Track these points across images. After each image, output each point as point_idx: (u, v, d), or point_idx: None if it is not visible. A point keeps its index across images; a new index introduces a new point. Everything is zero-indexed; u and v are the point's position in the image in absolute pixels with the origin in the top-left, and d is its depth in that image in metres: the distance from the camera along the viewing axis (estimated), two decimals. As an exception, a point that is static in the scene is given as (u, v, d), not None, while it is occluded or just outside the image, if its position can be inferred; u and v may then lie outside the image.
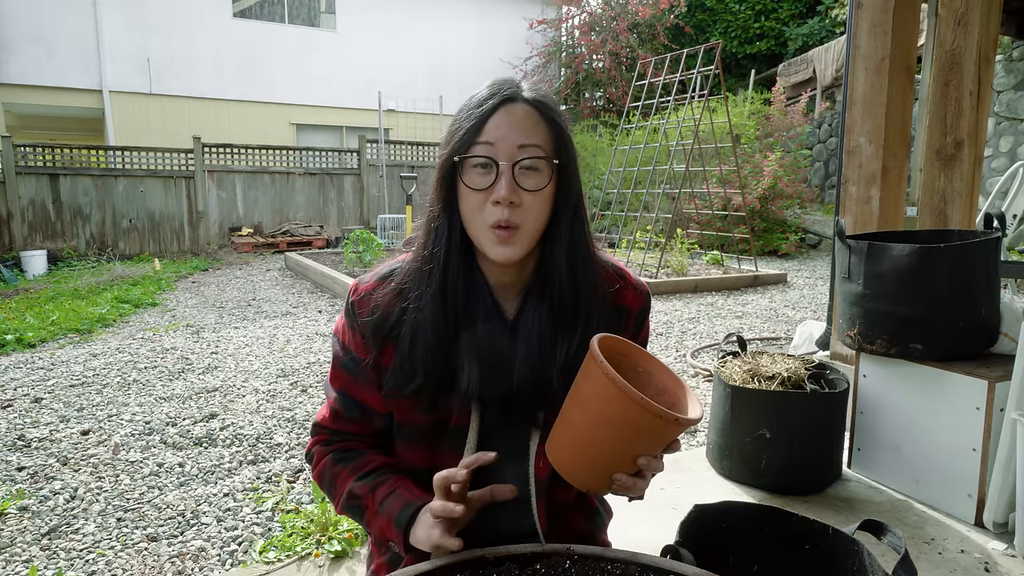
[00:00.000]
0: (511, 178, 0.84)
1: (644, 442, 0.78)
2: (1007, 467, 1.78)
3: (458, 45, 14.08)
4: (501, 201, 0.84)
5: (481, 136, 0.85)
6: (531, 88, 0.90)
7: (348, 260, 7.24)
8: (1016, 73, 7.53)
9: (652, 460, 0.79)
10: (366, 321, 0.93)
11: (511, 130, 0.85)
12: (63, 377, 3.69)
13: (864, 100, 2.69)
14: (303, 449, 2.66)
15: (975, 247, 1.92)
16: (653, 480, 0.86)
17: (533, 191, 0.86)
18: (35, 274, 8.31)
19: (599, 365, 0.75)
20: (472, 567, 0.81)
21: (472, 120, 0.86)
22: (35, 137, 13.45)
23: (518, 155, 0.85)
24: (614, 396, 0.74)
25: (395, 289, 0.93)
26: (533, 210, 0.87)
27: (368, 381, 0.95)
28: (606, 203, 9.74)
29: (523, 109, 0.87)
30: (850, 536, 1.07)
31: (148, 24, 11.58)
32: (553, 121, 0.89)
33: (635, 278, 1.02)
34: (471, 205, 0.87)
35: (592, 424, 0.77)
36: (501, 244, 0.86)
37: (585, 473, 0.81)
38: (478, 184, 0.86)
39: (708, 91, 7.20)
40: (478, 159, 0.85)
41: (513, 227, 0.85)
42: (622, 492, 0.82)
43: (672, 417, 0.74)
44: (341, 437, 1.00)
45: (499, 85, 0.89)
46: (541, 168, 0.86)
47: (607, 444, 0.78)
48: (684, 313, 5.45)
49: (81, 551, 1.93)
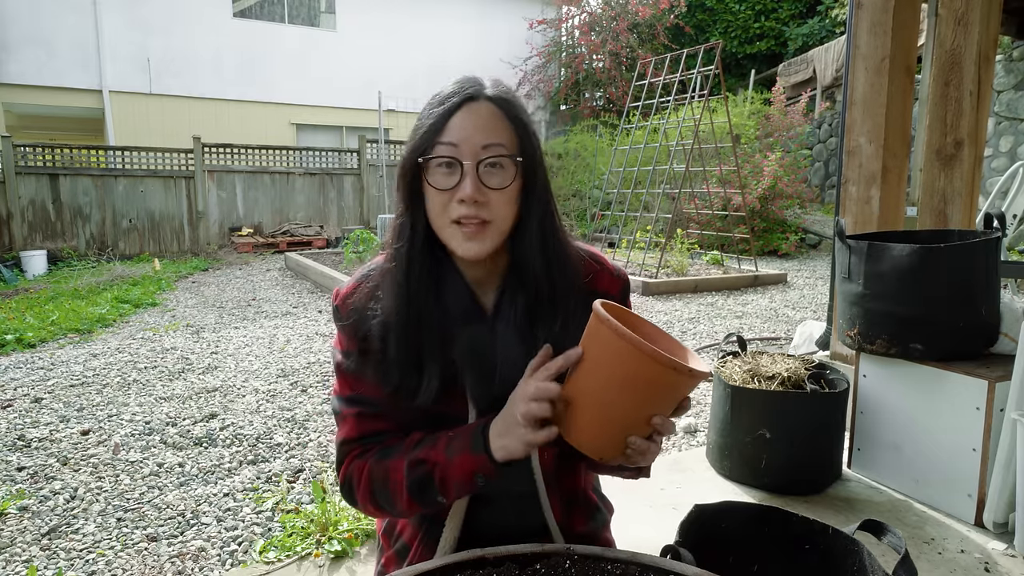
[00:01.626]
0: (475, 177, 0.85)
1: (658, 399, 0.77)
2: (1007, 467, 1.78)
3: (458, 45, 14.08)
4: (466, 200, 0.84)
5: (444, 135, 0.85)
6: (494, 85, 0.90)
7: (348, 260, 7.24)
8: (1016, 73, 7.53)
9: (665, 420, 0.78)
10: (345, 324, 0.94)
11: (474, 129, 0.85)
12: (63, 377, 3.69)
13: (864, 100, 2.69)
14: (303, 449, 2.67)
15: (975, 247, 1.92)
16: (653, 480, 0.86)
17: (498, 189, 0.86)
18: (35, 274, 8.31)
19: (608, 324, 0.73)
20: (472, 567, 0.81)
21: (433, 118, 0.86)
22: (35, 137, 13.44)
23: (482, 154, 0.85)
24: (628, 353, 0.72)
25: (370, 289, 0.94)
26: (500, 207, 0.87)
27: (370, 377, 0.95)
28: (606, 203, 9.73)
29: (486, 107, 0.87)
30: (850, 536, 1.07)
31: (148, 24, 11.58)
32: (516, 118, 0.89)
33: (612, 264, 1.03)
34: (436, 204, 0.87)
35: (604, 386, 0.76)
36: (468, 240, 0.86)
37: (600, 439, 0.79)
38: (443, 184, 0.86)
39: (708, 91, 7.20)
40: (442, 159, 0.85)
41: (482, 222, 0.86)
42: (635, 457, 0.81)
43: (686, 369, 0.72)
44: (375, 440, 0.96)
45: (462, 83, 0.89)
46: (505, 166, 0.87)
47: (622, 404, 0.76)
48: (684, 313, 5.45)
49: (81, 551, 1.93)
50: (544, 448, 0.93)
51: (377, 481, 0.92)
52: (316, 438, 2.79)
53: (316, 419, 3.02)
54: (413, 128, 0.90)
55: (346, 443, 0.96)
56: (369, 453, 0.95)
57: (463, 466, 0.86)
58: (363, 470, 0.93)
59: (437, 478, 0.88)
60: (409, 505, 0.90)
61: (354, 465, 0.94)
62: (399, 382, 0.90)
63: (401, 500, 0.90)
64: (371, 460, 0.93)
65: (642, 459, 0.82)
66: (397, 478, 0.90)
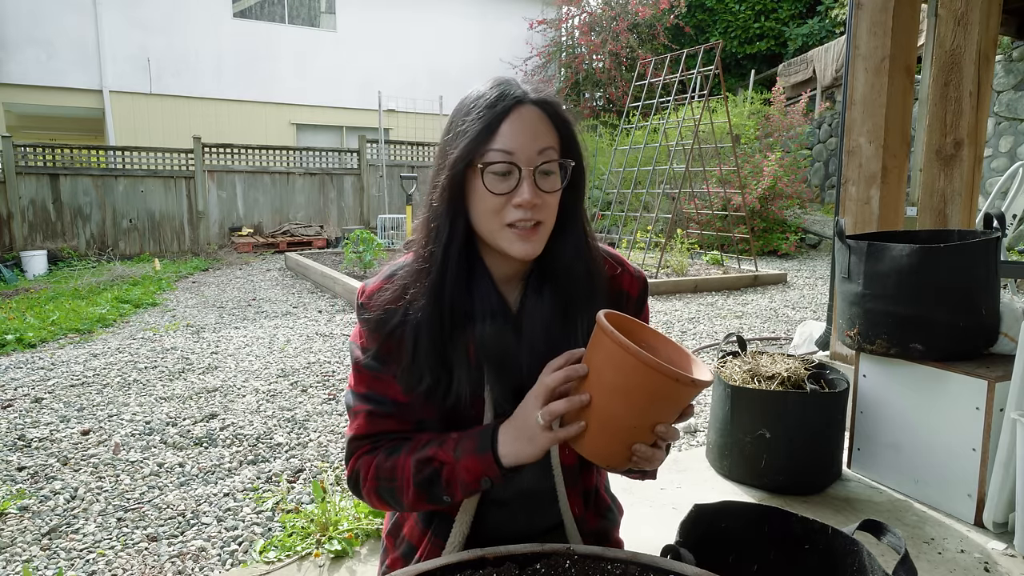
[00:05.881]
0: (532, 182, 0.86)
1: (661, 408, 0.78)
2: (1007, 467, 1.78)
3: (458, 45, 14.08)
4: (524, 205, 0.85)
5: (497, 141, 0.86)
6: (534, 89, 0.90)
7: (348, 260, 7.24)
8: (1016, 73, 7.53)
9: (669, 428, 0.79)
10: (369, 318, 0.94)
11: (527, 136, 0.86)
12: (63, 377, 3.69)
13: (864, 100, 2.69)
14: (303, 449, 2.67)
15: (975, 247, 1.92)
16: (653, 480, 0.87)
17: (551, 192, 0.88)
18: (35, 274, 8.31)
19: (611, 336, 0.75)
20: (472, 567, 0.81)
21: (483, 122, 0.86)
22: (35, 137, 13.45)
23: (537, 160, 0.86)
24: (629, 364, 0.74)
25: (398, 288, 0.94)
26: (551, 208, 0.89)
27: (390, 375, 0.95)
28: (606, 203, 9.73)
29: (533, 112, 0.88)
30: (850, 536, 1.07)
31: (148, 24, 11.58)
32: (562, 120, 0.90)
33: (632, 265, 1.05)
34: (489, 207, 0.87)
35: (609, 396, 0.78)
36: (524, 241, 0.87)
37: (606, 449, 0.81)
38: (499, 189, 0.86)
39: (708, 91, 7.19)
40: (499, 164, 0.86)
41: (536, 224, 0.88)
42: (641, 464, 0.82)
43: (688, 379, 0.74)
44: (384, 438, 0.97)
45: (504, 86, 0.89)
46: (555, 169, 0.89)
47: (626, 414, 0.78)
48: (684, 313, 5.45)
49: (81, 551, 1.93)
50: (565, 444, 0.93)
51: (384, 477, 0.92)
52: (316, 438, 2.79)
53: (316, 419, 3.02)
54: (453, 130, 0.89)
55: (355, 439, 0.97)
56: (378, 449, 0.95)
57: (469, 468, 0.87)
58: (370, 465, 0.94)
59: (444, 478, 0.88)
60: (415, 502, 0.91)
61: (362, 460, 0.95)
62: (431, 383, 0.91)
63: (407, 497, 0.91)
64: (379, 456, 0.94)
65: (648, 465, 0.83)
66: (404, 475, 0.90)
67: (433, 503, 0.91)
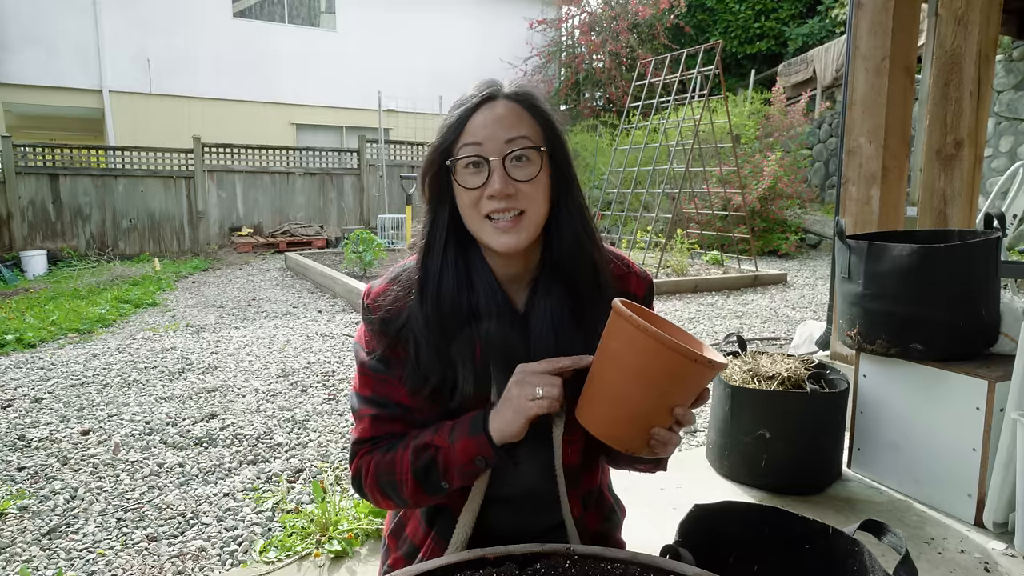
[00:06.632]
0: (503, 171, 0.86)
1: (680, 390, 0.80)
2: (1007, 467, 1.78)
3: (458, 45, 14.08)
4: (496, 195, 0.85)
5: (465, 136, 0.87)
6: (512, 84, 0.91)
7: (348, 260, 7.24)
8: (1016, 73, 7.53)
9: (686, 411, 0.81)
10: (373, 319, 0.95)
11: (496, 126, 0.86)
12: (63, 377, 3.69)
13: (864, 100, 2.69)
14: (303, 449, 2.67)
15: (975, 247, 1.92)
16: (653, 480, 0.87)
17: (527, 180, 0.87)
18: (35, 274, 8.31)
19: (629, 320, 0.77)
20: (472, 567, 0.81)
21: (453, 119, 0.88)
22: (35, 137, 13.44)
23: (506, 148, 0.86)
24: (650, 347, 0.76)
25: (401, 289, 0.94)
26: (533, 197, 0.88)
27: (396, 378, 0.95)
28: (606, 203, 9.73)
29: (505, 105, 0.88)
30: (850, 536, 1.07)
31: (148, 24, 11.58)
32: (538, 110, 0.90)
33: (638, 266, 1.05)
34: (467, 202, 0.88)
35: (628, 380, 0.80)
36: (504, 233, 0.87)
37: (627, 432, 0.83)
38: (472, 183, 0.87)
39: (708, 91, 7.19)
40: (468, 158, 0.87)
41: (518, 213, 0.87)
42: (658, 449, 0.83)
43: (706, 360, 0.76)
44: (387, 439, 0.97)
45: (481, 86, 0.90)
46: (531, 157, 0.88)
47: (645, 396, 0.80)
48: (684, 313, 5.45)
49: (81, 551, 1.93)
50: (569, 445, 0.93)
51: (384, 472, 0.93)
52: (316, 438, 2.79)
53: (316, 419, 3.02)
54: (437, 133, 0.91)
55: (360, 442, 0.97)
56: (379, 449, 0.96)
57: (464, 449, 0.88)
58: (371, 461, 0.95)
59: (440, 463, 0.89)
60: (414, 492, 0.91)
61: (364, 460, 0.96)
62: (436, 384, 0.91)
63: (407, 487, 0.91)
64: (378, 452, 0.95)
65: (664, 450, 0.84)
66: (403, 466, 0.91)
67: (431, 492, 0.91)
